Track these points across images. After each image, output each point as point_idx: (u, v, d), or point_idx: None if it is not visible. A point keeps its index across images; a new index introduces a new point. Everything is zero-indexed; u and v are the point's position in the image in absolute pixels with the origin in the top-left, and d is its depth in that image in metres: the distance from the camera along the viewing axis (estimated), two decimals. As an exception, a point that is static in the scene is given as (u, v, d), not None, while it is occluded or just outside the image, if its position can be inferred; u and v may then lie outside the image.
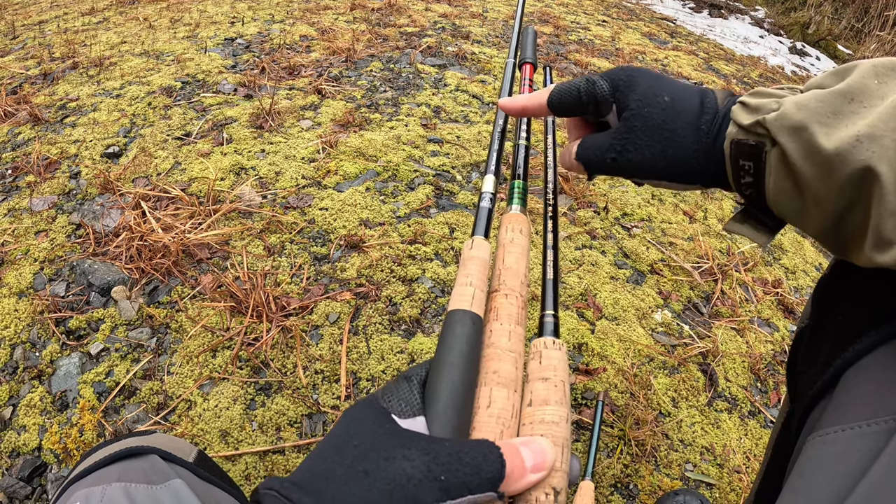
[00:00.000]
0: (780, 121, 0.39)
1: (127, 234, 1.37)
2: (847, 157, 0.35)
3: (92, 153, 1.72)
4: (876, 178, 0.33)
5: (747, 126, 0.42)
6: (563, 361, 0.41)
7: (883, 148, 0.34)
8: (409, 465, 0.31)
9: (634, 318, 1.38)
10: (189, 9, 3.02)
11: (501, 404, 0.37)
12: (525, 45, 0.74)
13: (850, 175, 0.35)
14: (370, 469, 0.31)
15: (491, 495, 0.32)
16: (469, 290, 0.41)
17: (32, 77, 2.24)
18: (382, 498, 0.30)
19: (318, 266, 1.37)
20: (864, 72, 0.39)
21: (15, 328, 1.19)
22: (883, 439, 0.35)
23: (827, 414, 0.41)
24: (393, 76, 2.36)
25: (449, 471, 0.31)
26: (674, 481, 1.08)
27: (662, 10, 5.34)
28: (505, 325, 0.41)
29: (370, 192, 1.62)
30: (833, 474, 0.36)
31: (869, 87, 0.37)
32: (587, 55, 3.06)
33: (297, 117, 1.96)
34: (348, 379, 1.14)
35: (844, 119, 0.37)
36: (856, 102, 0.37)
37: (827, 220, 0.39)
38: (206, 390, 1.11)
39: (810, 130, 0.37)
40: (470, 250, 0.45)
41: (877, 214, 0.34)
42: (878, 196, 0.34)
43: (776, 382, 1.33)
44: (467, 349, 0.38)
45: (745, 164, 0.43)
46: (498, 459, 0.32)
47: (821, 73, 0.42)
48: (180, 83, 2.13)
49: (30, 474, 0.98)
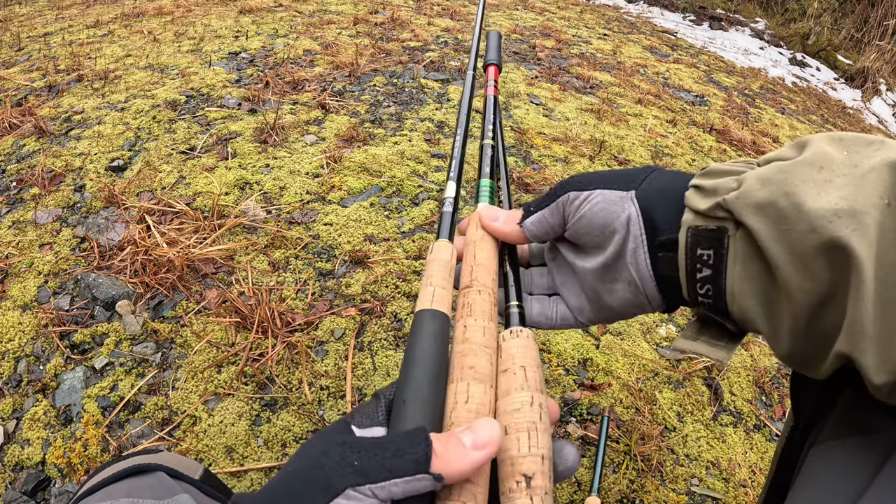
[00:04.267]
0: (742, 199, 0.36)
1: (131, 248, 1.37)
2: (822, 232, 0.31)
3: (97, 166, 1.72)
4: (855, 258, 0.30)
5: (705, 210, 0.38)
6: (521, 347, 0.41)
7: (864, 226, 0.30)
8: (325, 457, 0.33)
9: (639, 332, 1.38)
10: (193, 23, 3.04)
11: (479, 399, 0.37)
12: (489, 47, 0.76)
13: (825, 252, 0.32)
14: (297, 468, 0.33)
15: (425, 477, 0.32)
16: (430, 289, 0.43)
17: (37, 89, 2.25)
18: (301, 489, 0.32)
19: (322, 282, 1.37)
20: (826, 143, 0.36)
21: (19, 341, 1.19)
22: (884, 452, 0.35)
23: (829, 427, 0.40)
24: (396, 91, 2.37)
25: (365, 457, 0.32)
26: (680, 496, 1.07)
27: (663, 23, 5.38)
28: (479, 321, 0.42)
29: (374, 207, 1.62)
30: (833, 488, 0.36)
31: (836, 158, 0.34)
32: (589, 69, 3.08)
33: (301, 132, 1.97)
34: (354, 395, 1.14)
35: (816, 187, 0.33)
36: (826, 171, 0.34)
37: (801, 312, 0.34)
38: (212, 406, 1.10)
39: (778, 206, 0.34)
40: (431, 254, 0.46)
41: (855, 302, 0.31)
42: (857, 282, 0.30)
43: (781, 396, 1.32)
44: (429, 345, 0.39)
45: (704, 253, 0.39)
46: (423, 441, 0.33)
47: (778, 149, 0.38)
48: (185, 97, 2.14)
49: (33, 488, 0.98)
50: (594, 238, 0.45)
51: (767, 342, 0.39)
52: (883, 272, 0.30)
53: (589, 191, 0.45)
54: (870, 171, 0.32)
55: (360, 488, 0.31)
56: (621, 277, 0.44)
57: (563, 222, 0.47)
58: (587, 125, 2.36)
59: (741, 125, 2.89)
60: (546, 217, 0.47)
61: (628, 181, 0.44)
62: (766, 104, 3.54)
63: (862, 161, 0.33)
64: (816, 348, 0.35)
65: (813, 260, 0.32)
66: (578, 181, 0.46)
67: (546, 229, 0.48)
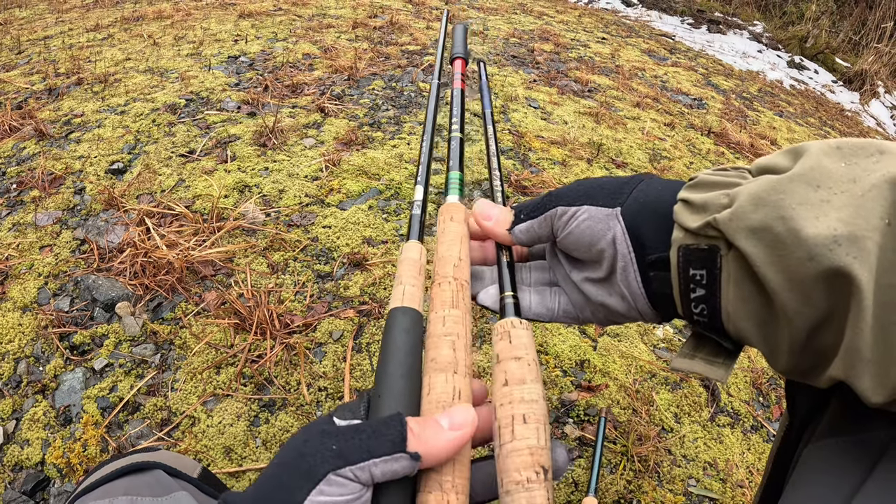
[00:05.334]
0: (736, 221, 0.34)
1: (131, 250, 1.38)
2: (822, 260, 0.30)
3: (96, 169, 1.73)
4: (856, 285, 0.29)
5: (696, 229, 0.36)
6: (531, 339, 0.42)
7: (865, 252, 0.29)
8: (305, 445, 0.34)
9: (636, 334, 1.39)
10: (193, 27, 3.05)
11: (441, 388, 0.39)
12: (455, 40, 0.77)
13: (825, 280, 0.31)
14: (281, 460, 0.34)
15: (402, 456, 0.33)
16: (399, 288, 0.44)
17: (37, 92, 2.26)
18: (287, 480, 0.33)
19: (321, 284, 1.38)
20: (825, 152, 0.34)
21: (19, 342, 1.20)
22: (878, 450, 0.35)
23: (823, 425, 0.40)
24: (395, 94, 2.38)
25: (343, 441, 0.33)
26: (677, 497, 1.08)
27: (661, 27, 5.39)
28: (439, 312, 0.43)
29: (373, 210, 1.63)
30: (828, 485, 0.36)
31: (834, 172, 0.32)
32: (587, 72, 3.09)
33: (300, 135, 1.98)
34: (352, 396, 1.14)
35: (814, 210, 0.31)
36: (823, 189, 0.32)
37: (799, 334, 0.34)
38: (210, 407, 1.11)
39: (774, 231, 0.32)
40: (401, 254, 0.48)
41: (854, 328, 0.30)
42: (857, 308, 0.29)
43: (778, 397, 1.33)
44: (401, 341, 0.41)
45: (697, 273, 0.37)
46: (399, 423, 0.34)
47: (770, 155, 0.37)
48: (184, 100, 2.15)
49: (33, 488, 0.98)
50: (584, 254, 0.45)
51: (765, 358, 0.38)
52: (882, 294, 0.29)
53: (576, 207, 0.44)
54: (870, 190, 0.30)
55: (341, 471, 0.32)
56: (614, 292, 0.44)
57: (551, 234, 0.47)
58: (585, 128, 2.37)
59: (739, 128, 2.90)
60: (535, 228, 0.47)
61: (615, 195, 0.43)
62: (764, 107, 3.55)
63: (861, 176, 0.31)
64: (815, 363, 0.35)
65: (812, 287, 0.31)
66: (567, 194, 0.46)
67: (534, 239, 0.48)
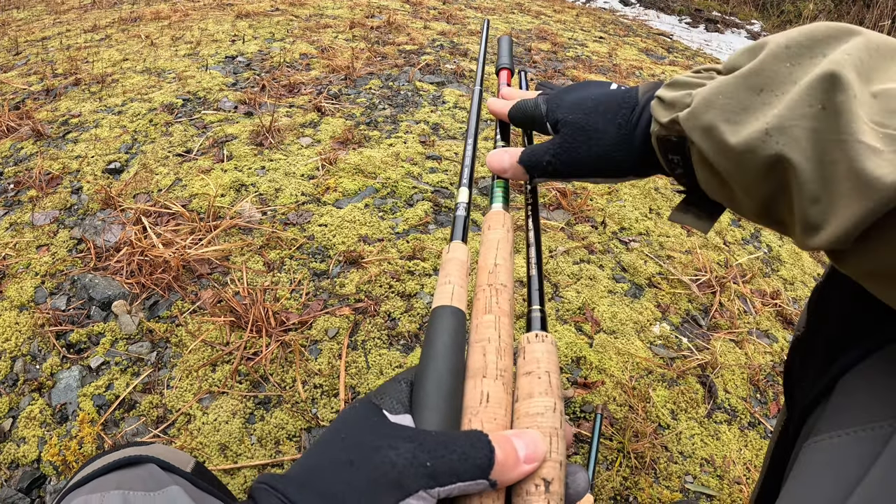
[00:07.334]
0: (691, 120, 0.39)
1: (128, 249, 1.38)
2: (757, 150, 0.34)
3: (94, 169, 1.73)
4: (791, 167, 0.33)
5: (665, 123, 0.42)
6: (546, 352, 0.41)
7: (793, 138, 0.33)
8: (394, 453, 0.32)
9: (633, 331, 1.39)
10: (190, 27, 3.06)
11: (469, 394, 0.38)
12: (501, 52, 0.77)
13: (764, 166, 0.34)
14: (355, 459, 0.32)
15: (482, 483, 0.32)
16: (448, 287, 0.44)
17: (35, 93, 2.26)
18: (367, 486, 0.31)
19: (317, 282, 1.38)
20: (775, 53, 0.37)
21: (16, 341, 1.20)
22: (879, 444, 0.35)
23: (822, 420, 0.41)
24: (392, 94, 2.38)
25: (436, 457, 0.32)
26: (674, 493, 1.07)
27: (659, 26, 5.40)
28: (474, 321, 0.43)
29: (369, 208, 1.63)
30: (828, 480, 0.36)
31: (779, 73, 0.36)
32: (584, 71, 3.09)
33: (296, 134, 1.98)
34: (347, 393, 1.14)
35: (754, 112, 0.35)
36: (766, 92, 0.36)
37: (758, 207, 0.38)
38: (206, 404, 1.11)
39: (719, 129, 0.36)
40: (447, 254, 0.48)
41: (799, 202, 0.33)
42: (797, 185, 0.33)
43: (776, 393, 1.33)
44: (450, 341, 0.40)
45: (674, 157, 0.44)
46: (487, 446, 0.33)
47: (737, 50, 0.41)
48: (181, 100, 2.15)
49: (29, 486, 0.98)
50: None
51: None
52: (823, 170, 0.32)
53: None
54: (804, 89, 0.33)
55: (430, 491, 0.31)
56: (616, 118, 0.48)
57: None
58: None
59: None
60: None
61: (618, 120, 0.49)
62: (761, 106, 3.54)
63: (801, 76, 0.35)
64: (781, 229, 0.39)
65: (756, 173, 0.35)
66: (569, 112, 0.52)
67: None
